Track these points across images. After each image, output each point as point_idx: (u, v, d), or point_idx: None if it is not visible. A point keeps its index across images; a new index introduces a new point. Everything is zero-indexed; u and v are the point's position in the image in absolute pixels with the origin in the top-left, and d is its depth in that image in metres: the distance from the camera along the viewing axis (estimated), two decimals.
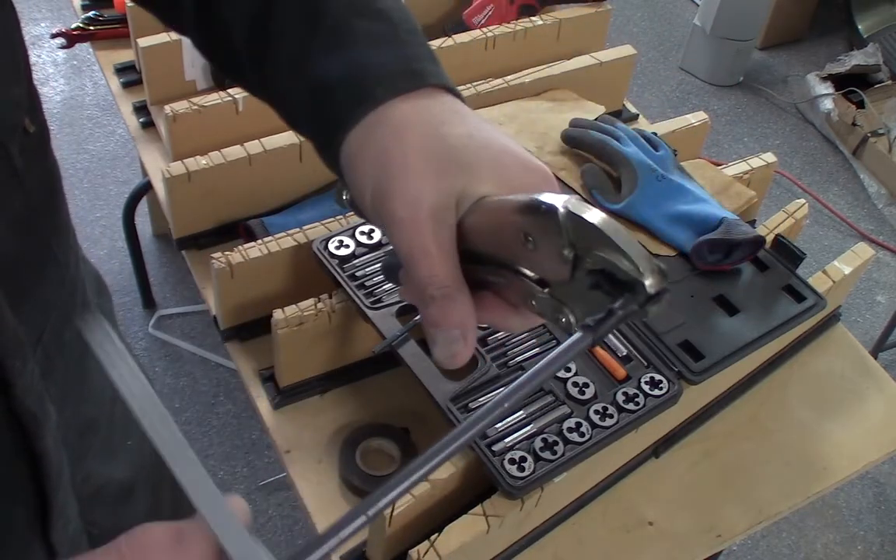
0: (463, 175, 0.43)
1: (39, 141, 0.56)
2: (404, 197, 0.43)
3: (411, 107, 0.45)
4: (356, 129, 0.45)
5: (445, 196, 0.42)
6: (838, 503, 2.01)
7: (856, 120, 2.80)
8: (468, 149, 0.43)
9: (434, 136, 0.44)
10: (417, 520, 0.80)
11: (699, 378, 0.88)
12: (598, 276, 0.38)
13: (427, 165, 0.43)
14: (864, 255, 1.04)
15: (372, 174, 0.44)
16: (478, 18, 1.37)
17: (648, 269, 0.37)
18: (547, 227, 0.38)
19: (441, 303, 0.42)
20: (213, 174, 1.04)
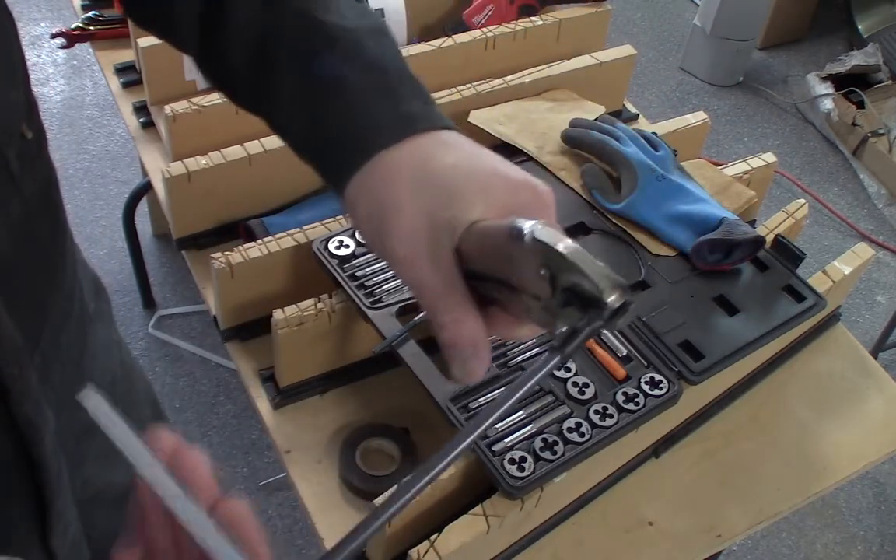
0: (452, 205, 0.45)
1: (37, 146, 0.56)
2: (400, 238, 0.46)
3: (402, 152, 0.48)
4: (355, 178, 0.48)
5: (438, 228, 0.45)
6: (838, 503, 2.01)
7: (856, 120, 2.80)
8: (455, 178, 0.46)
9: (423, 174, 0.47)
10: (417, 520, 0.80)
11: (699, 378, 0.88)
12: (569, 295, 0.41)
13: (417, 204, 0.46)
14: (864, 255, 1.04)
15: (371, 219, 0.48)
16: (478, 18, 1.37)
17: (609, 286, 0.39)
18: (522, 250, 0.41)
19: (451, 326, 0.45)
20: (213, 174, 1.04)
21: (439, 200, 0.46)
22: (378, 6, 1.27)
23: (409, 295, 0.90)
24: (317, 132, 0.51)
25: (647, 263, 0.99)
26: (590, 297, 0.40)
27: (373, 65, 0.51)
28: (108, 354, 0.72)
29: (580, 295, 0.40)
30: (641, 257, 0.99)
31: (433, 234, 0.45)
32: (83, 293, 0.68)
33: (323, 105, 0.51)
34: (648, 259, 0.99)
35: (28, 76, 0.55)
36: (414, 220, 0.46)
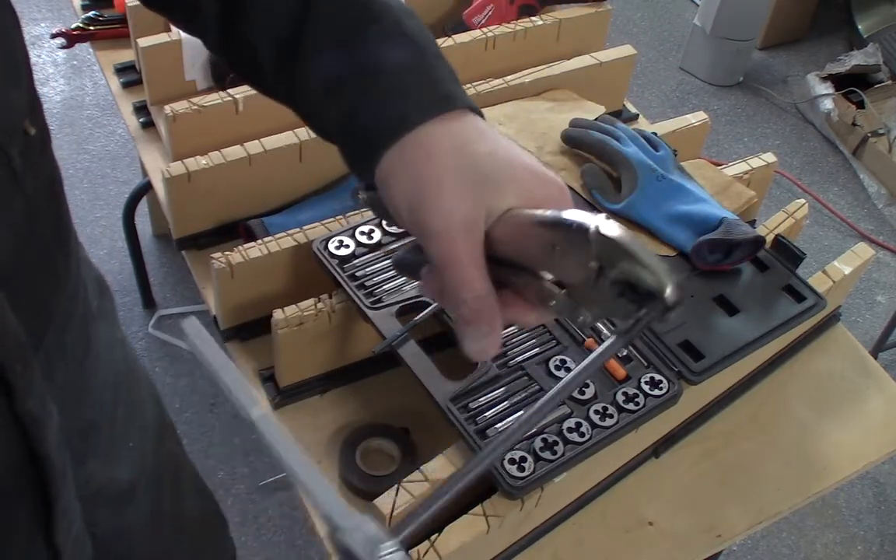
0: (490, 191, 0.47)
1: (40, 144, 0.56)
2: (439, 212, 0.47)
3: (441, 129, 0.49)
4: (391, 151, 0.49)
5: (475, 210, 0.47)
6: (838, 503, 2.01)
7: (856, 120, 2.80)
8: (494, 166, 0.48)
9: (463, 155, 0.48)
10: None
11: (699, 378, 0.88)
12: (622, 286, 0.43)
13: (458, 183, 0.47)
14: (864, 255, 1.04)
15: (407, 192, 0.49)
16: (478, 18, 1.37)
17: (669, 281, 0.42)
18: (576, 242, 0.44)
19: (473, 305, 0.47)
20: (213, 174, 1.04)
21: (479, 185, 0.47)
22: None
23: (409, 295, 0.90)
24: (352, 106, 0.51)
25: None
26: (648, 290, 0.42)
27: (412, 42, 0.52)
28: (111, 353, 0.72)
29: (635, 287, 0.43)
30: None
31: (470, 214, 0.47)
32: (87, 292, 0.68)
33: (363, 81, 0.51)
34: None
35: (31, 74, 0.55)
36: (454, 198, 0.47)
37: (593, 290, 0.44)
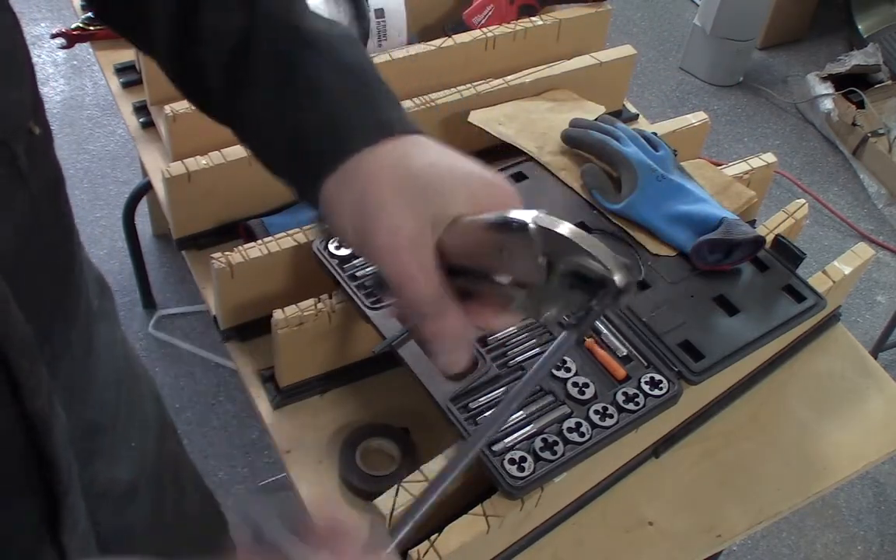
0: (434, 201, 0.47)
1: (44, 143, 0.56)
2: (383, 230, 0.47)
3: (380, 151, 0.50)
4: (333, 177, 0.50)
5: (420, 222, 0.47)
6: (838, 503, 2.01)
7: (856, 120, 2.80)
8: (435, 176, 0.48)
9: (402, 171, 0.49)
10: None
11: (699, 378, 0.88)
12: (571, 278, 0.43)
13: (399, 199, 0.48)
14: (864, 255, 1.04)
15: (351, 216, 0.49)
16: (478, 18, 1.37)
17: (616, 266, 0.42)
18: (520, 240, 0.43)
19: (434, 318, 0.47)
20: (213, 174, 1.04)
21: (422, 197, 0.47)
22: (378, 6, 1.26)
23: None
24: (293, 134, 0.52)
25: (647, 263, 0.99)
26: (597, 278, 0.42)
27: (350, 69, 0.53)
28: (111, 352, 0.72)
29: (585, 277, 0.42)
30: (641, 257, 0.99)
31: (416, 227, 0.47)
32: (88, 291, 0.68)
33: (301, 106, 0.52)
34: (648, 259, 0.99)
35: (34, 74, 0.55)
36: (398, 216, 0.47)
37: (548, 285, 0.44)
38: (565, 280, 0.43)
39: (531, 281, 0.45)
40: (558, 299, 0.44)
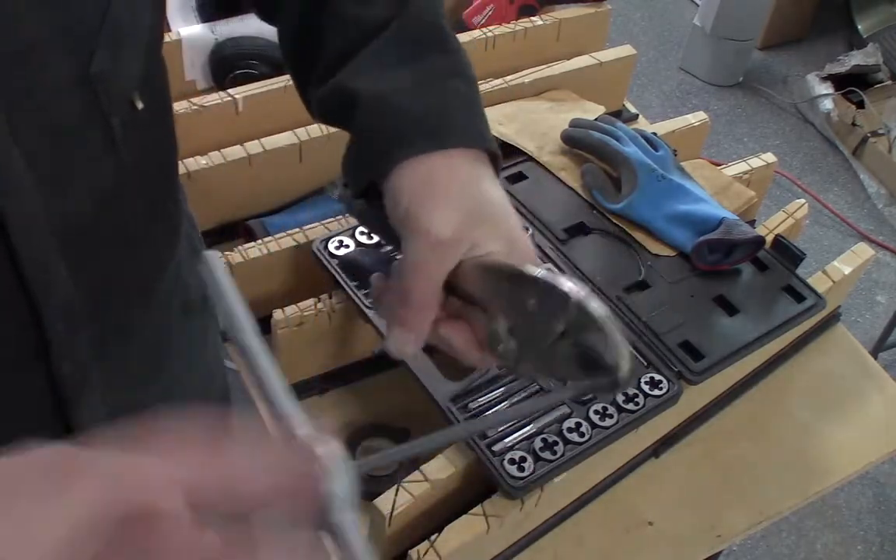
0: (483, 228, 0.51)
1: (150, 120, 0.56)
2: (435, 217, 0.50)
3: (467, 155, 0.53)
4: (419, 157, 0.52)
5: (464, 234, 0.50)
6: (838, 503, 2.01)
7: (856, 120, 2.80)
8: (493, 211, 0.52)
9: (474, 187, 0.52)
10: (417, 520, 0.80)
11: (699, 378, 0.88)
12: (580, 351, 0.46)
13: (461, 205, 0.51)
14: (864, 255, 1.04)
15: (417, 190, 0.51)
16: (478, 18, 1.37)
17: (628, 365, 0.45)
18: (553, 304, 0.46)
19: (415, 311, 0.51)
20: (213, 174, 1.04)
21: (476, 218, 0.51)
22: None
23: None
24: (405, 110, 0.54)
25: (647, 263, 0.99)
26: (605, 365, 0.45)
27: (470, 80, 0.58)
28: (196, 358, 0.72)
29: (591, 356, 0.46)
30: (641, 257, 0.99)
31: (457, 237, 0.50)
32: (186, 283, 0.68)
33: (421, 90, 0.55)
34: (648, 259, 0.99)
35: (156, 48, 0.57)
36: (453, 214, 0.50)
37: (547, 347, 0.47)
38: (573, 351, 0.46)
39: (535, 337, 0.48)
40: (545, 361, 0.48)
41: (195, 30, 1.21)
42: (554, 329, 0.46)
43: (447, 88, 0.56)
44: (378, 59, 0.56)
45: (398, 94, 0.54)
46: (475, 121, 0.56)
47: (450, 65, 0.57)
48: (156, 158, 0.60)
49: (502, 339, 0.49)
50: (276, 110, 1.09)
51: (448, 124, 0.54)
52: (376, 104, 0.54)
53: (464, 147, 0.53)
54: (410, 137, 0.53)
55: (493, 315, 0.50)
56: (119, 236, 0.57)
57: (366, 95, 0.55)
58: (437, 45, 0.58)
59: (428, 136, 0.52)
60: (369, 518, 0.80)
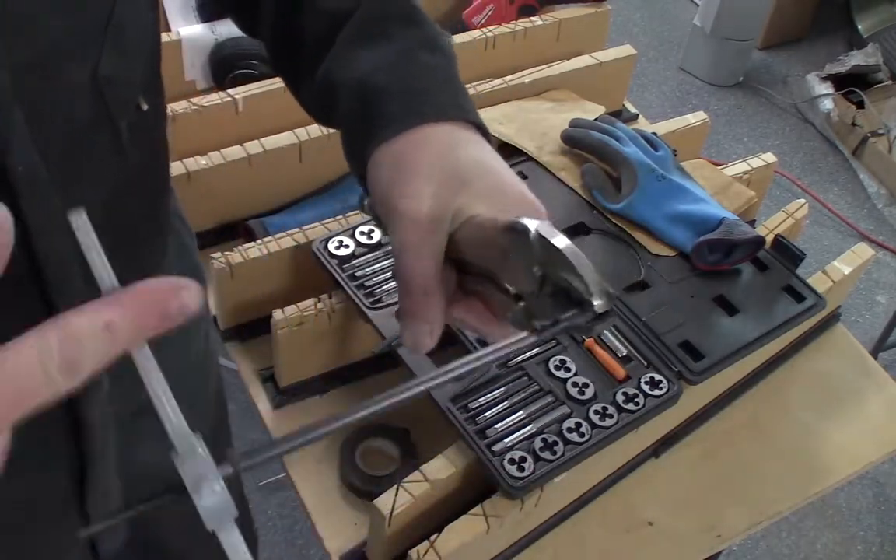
0: (463, 192, 0.48)
1: (152, 122, 0.57)
2: (408, 195, 0.48)
3: (441, 129, 0.50)
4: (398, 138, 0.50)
5: (444, 205, 0.48)
6: (838, 503, 2.01)
7: (856, 120, 2.80)
8: (474, 171, 0.49)
9: (447, 153, 0.49)
10: (417, 520, 0.80)
11: (699, 378, 0.88)
12: (560, 295, 0.44)
13: (434, 175, 0.48)
14: (864, 255, 1.04)
15: (387, 174, 0.50)
16: (478, 18, 1.37)
17: (598, 291, 0.42)
18: (521, 245, 0.44)
19: (418, 298, 0.48)
20: (213, 174, 1.04)
21: (454, 183, 0.48)
22: None
23: None
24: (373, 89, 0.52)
25: (647, 263, 0.99)
26: (578, 297, 0.43)
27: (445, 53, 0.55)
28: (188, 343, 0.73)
29: (569, 295, 0.43)
30: (641, 257, 0.99)
31: (438, 207, 0.47)
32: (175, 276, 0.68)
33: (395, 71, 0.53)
34: (648, 259, 0.99)
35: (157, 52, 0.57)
36: (426, 186, 0.48)
37: (539, 300, 0.45)
38: (556, 296, 0.44)
39: (525, 289, 0.45)
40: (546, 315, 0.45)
41: (195, 30, 1.21)
42: (534, 273, 0.44)
43: (416, 63, 0.53)
44: (349, 45, 0.55)
45: (369, 76, 0.53)
46: (450, 93, 0.53)
47: (419, 38, 0.55)
48: (156, 158, 0.61)
49: (510, 306, 0.47)
50: (276, 110, 1.09)
51: (419, 100, 0.51)
52: (350, 91, 0.53)
53: (436, 122, 0.50)
54: (382, 122, 0.51)
55: (499, 282, 0.48)
56: (123, 235, 0.57)
57: (341, 84, 0.53)
58: (403, 20, 0.55)
59: (398, 117, 0.50)
60: (369, 518, 0.80)
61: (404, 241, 0.48)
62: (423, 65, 0.53)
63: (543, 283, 0.44)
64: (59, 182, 0.47)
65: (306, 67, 0.58)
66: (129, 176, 0.54)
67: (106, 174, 0.52)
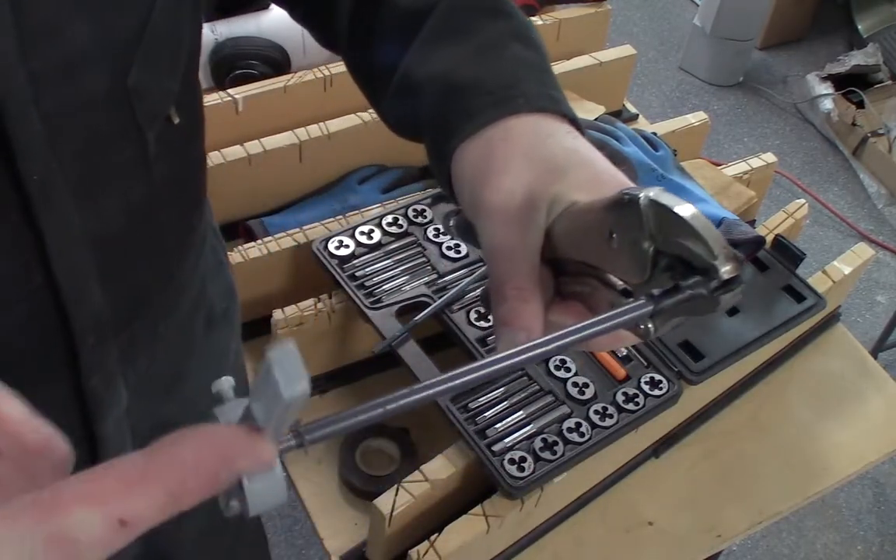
0: (559, 181, 0.43)
1: (183, 135, 0.55)
2: (499, 189, 0.44)
3: (532, 120, 0.46)
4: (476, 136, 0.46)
5: (538, 197, 0.43)
6: (838, 503, 2.01)
7: (856, 120, 2.80)
8: (569, 159, 0.44)
9: (540, 144, 0.45)
10: (417, 520, 0.80)
11: (699, 378, 0.88)
12: (676, 267, 0.38)
13: (526, 165, 0.44)
14: (863, 255, 1.04)
15: (474, 168, 0.46)
16: None
17: (724, 254, 0.36)
18: (629, 218, 0.38)
19: (513, 304, 0.42)
20: (213, 174, 1.03)
21: (548, 172, 0.44)
22: None
23: (409, 295, 0.90)
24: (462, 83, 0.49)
25: None
26: (699, 265, 0.37)
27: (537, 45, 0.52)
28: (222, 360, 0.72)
29: (689, 265, 0.37)
30: None
31: (532, 198, 0.43)
32: (210, 294, 0.67)
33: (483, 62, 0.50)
34: None
35: (195, 64, 0.55)
36: (518, 178, 0.44)
37: (651, 284, 0.39)
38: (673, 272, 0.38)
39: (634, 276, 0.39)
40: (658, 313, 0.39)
41: None
42: (644, 252, 0.38)
43: (505, 55, 0.50)
44: (431, 41, 0.51)
45: (453, 70, 0.49)
46: (541, 85, 0.49)
47: (509, 30, 0.51)
48: (187, 173, 0.59)
49: (615, 302, 0.41)
50: (276, 110, 1.09)
51: (507, 92, 0.47)
52: (433, 88, 0.49)
53: (526, 113, 0.46)
54: (467, 116, 0.47)
55: (603, 277, 0.42)
56: (148, 249, 0.56)
57: (423, 82, 0.50)
58: (490, 12, 0.52)
59: (484, 109, 0.47)
60: (369, 518, 0.80)
61: (496, 241, 0.44)
62: (511, 57, 0.50)
63: (656, 263, 0.38)
64: (79, 191, 0.46)
65: (385, 70, 0.54)
66: (156, 188, 0.53)
67: (130, 185, 0.51)
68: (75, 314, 0.49)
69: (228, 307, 0.72)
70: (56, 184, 0.44)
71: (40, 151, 0.43)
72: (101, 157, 0.48)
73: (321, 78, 1.12)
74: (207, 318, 0.68)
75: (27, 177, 0.43)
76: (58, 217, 0.45)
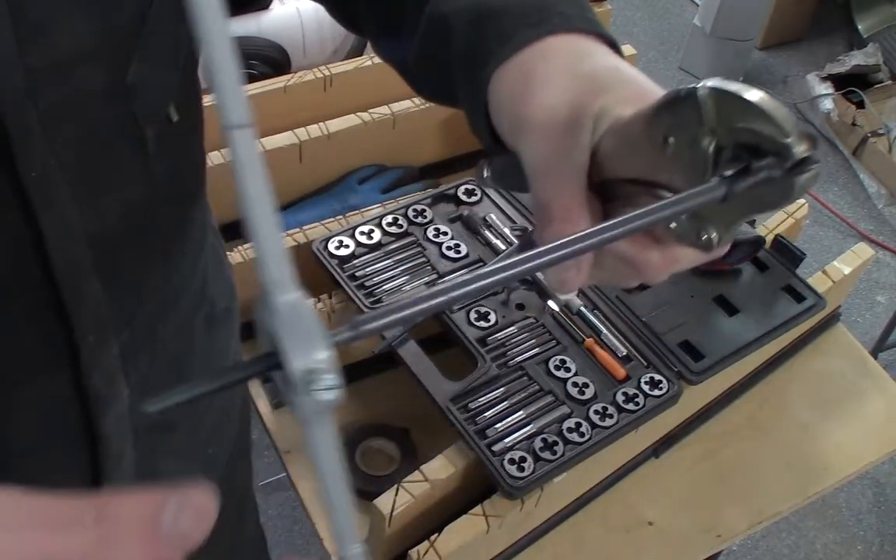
0: (603, 95, 0.41)
1: (183, 132, 0.55)
2: (541, 105, 0.42)
3: (570, 40, 0.44)
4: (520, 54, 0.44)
5: (583, 111, 0.41)
6: (838, 503, 2.01)
7: (856, 120, 2.80)
8: (612, 76, 0.42)
9: (580, 61, 0.43)
10: (417, 520, 0.80)
11: (699, 378, 0.88)
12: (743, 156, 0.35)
13: (569, 81, 0.42)
14: (863, 255, 1.04)
15: (514, 88, 0.44)
16: None
17: (797, 133, 0.33)
18: (686, 115, 0.36)
19: (561, 226, 0.40)
20: (213, 174, 1.03)
21: (592, 88, 0.41)
22: None
23: (409, 295, 0.90)
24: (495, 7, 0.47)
25: None
26: (771, 147, 0.34)
27: None
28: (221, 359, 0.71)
29: (758, 150, 0.34)
30: None
31: (577, 114, 0.41)
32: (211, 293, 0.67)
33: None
34: None
35: (195, 61, 0.55)
36: (560, 95, 0.41)
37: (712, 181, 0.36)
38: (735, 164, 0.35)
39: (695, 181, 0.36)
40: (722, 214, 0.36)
41: None
42: (704, 150, 0.35)
43: None
44: None
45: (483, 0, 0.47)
46: (575, 6, 0.46)
47: None
48: (187, 170, 0.59)
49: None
50: (276, 110, 1.09)
51: (542, 13, 0.45)
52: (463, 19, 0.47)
53: (564, 33, 0.44)
54: (501, 40, 0.45)
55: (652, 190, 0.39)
56: (148, 246, 0.56)
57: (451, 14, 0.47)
58: None
59: (520, 31, 0.44)
60: (369, 518, 0.80)
61: (541, 158, 0.41)
62: None
63: (717, 162, 0.35)
64: (77, 189, 0.46)
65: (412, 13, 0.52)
66: (155, 186, 0.53)
67: (129, 183, 0.51)
68: (75, 312, 0.49)
69: (229, 307, 0.72)
70: (55, 181, 0.44)
71: (38, 149, 0.43)
72: (100, 155, 0.48)
73: (321, 78, 1.12)
74: (208, 317, 0.68)
75: (25, 174, 0.43)
76: (56, 215, 0.45)
